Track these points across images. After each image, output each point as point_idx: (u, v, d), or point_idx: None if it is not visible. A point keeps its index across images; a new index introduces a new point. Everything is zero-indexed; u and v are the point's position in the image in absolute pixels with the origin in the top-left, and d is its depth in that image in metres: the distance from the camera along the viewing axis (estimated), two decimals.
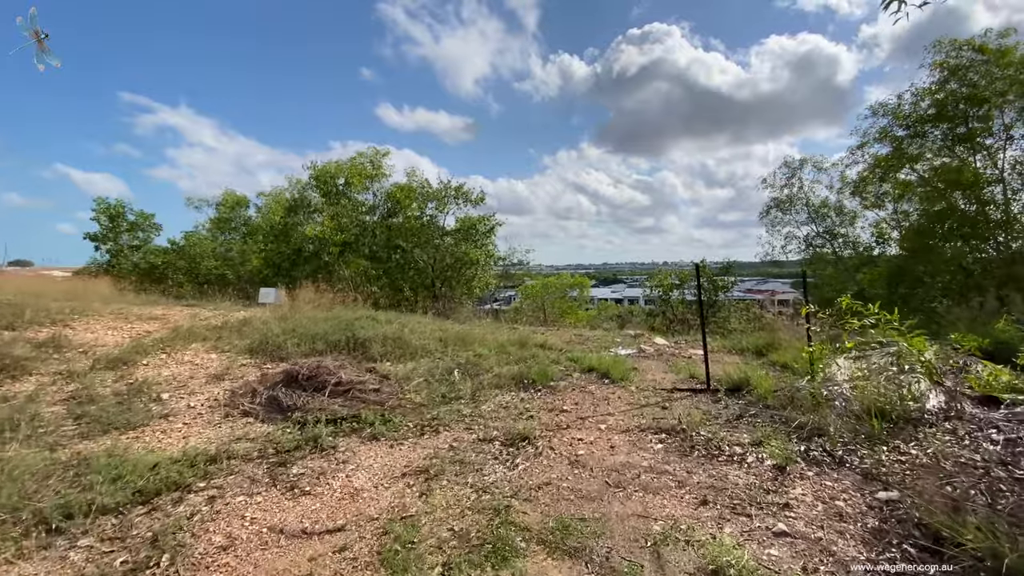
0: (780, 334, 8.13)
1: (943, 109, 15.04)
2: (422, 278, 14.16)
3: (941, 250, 14.71)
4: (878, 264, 20.46)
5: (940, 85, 15.30)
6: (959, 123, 15.14)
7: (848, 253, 22.92)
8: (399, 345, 7.39)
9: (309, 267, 17.54)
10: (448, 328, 10.11)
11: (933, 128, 15.31)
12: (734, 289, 20.45)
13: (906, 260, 15.36)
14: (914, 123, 15.73)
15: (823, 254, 23.58)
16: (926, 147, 16.06)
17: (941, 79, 15.29)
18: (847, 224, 23.00)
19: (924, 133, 15.57)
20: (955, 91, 15.06)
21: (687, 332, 14.30)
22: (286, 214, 19.41)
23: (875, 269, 16.56)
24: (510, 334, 9.51)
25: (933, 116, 15.27)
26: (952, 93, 15.13)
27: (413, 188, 16.02)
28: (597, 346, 8.43)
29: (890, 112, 16.79)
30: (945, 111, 15.07)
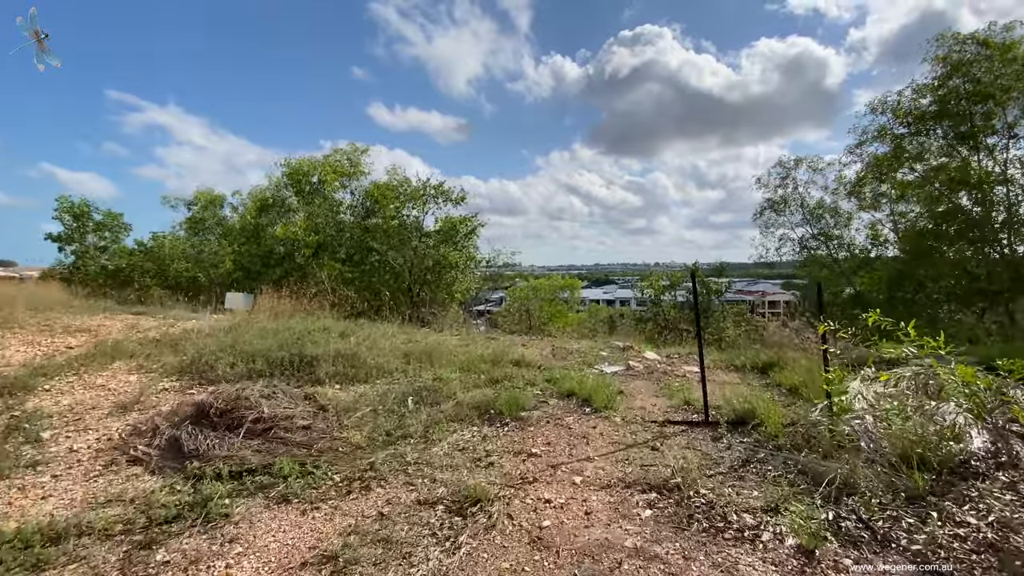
0: (786, 350, 7.29)
1: (945, 106, 14.34)
2: (399, 282, 13.22)
3: (944, 253, 14.01)
4: (875, 267, 19.82)
5: (942, 81, 14.61)
6: (962, 121, 14.45)
7: (843, 255, 22.28)
8: (352, 364, 6.45)
9: (280, 270, 16.52)
10: (418, 340, 9.20)
11: (935, 126, 14.62)
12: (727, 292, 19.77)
13: (907, 263, 14.65)
14: (915, 120, 15.03)
15: (818, 256, 22.90)
16: (927, 146, 15.37)
17: (943, 75, 14.61)
18: (842, 226, 22.37)
19: (926, 131, 14.87)
20: (958, 87, 14.39)
21: (680, 342, 13.50)
22: (257, 214, 18.38)
23: (874, 272, 15.88)
24: (485, 347, 8.61)
25: (935, 113, 14.57)
26: (954, 89, 14.45)
27: (391, 187, 15.06)
28: (581, 362, 7.54)
29: (889, 109, 16.10)
30: (947, 108, 14.37)
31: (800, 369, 6.36)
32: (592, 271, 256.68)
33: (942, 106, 14.43)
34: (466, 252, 13.57)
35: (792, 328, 7.91)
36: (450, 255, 12.57)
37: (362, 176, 18.33)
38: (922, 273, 14.48)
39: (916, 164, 15.96)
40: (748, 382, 6.54)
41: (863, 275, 20.68)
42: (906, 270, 14.64)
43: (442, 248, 12.85)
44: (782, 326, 7.86)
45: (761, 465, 3.80)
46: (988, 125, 14.36)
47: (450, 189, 14.12)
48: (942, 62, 14.59)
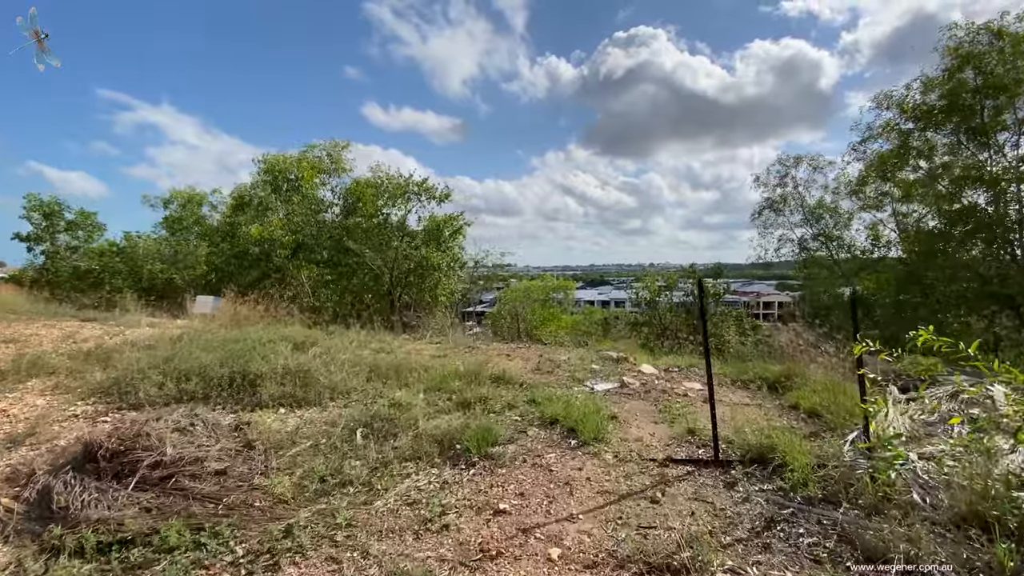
0: (800, 364, 6.47)
1: (955, 99, 13.61)
2: (378, 285, 12.35)
3: (954, 255, 13.29)
4: (878, 269, 19.13)
5: (952, 73, 13.89)
6: (972, 115, 13.73)
7: (844, 256, 21.59)
8: (304, 383, 5.58)
9: (257, 272, 15.61)
10: (391, 350, 8.37)
11: (945, 121, 13.90)
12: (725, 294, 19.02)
13: (915, 265, 13.92)
14: (923, 115, 14.30)
15: (819, 258, 22.21)
16: (935, 142, 14.66)
17: (953, 66, 13.89)
18: (843, 226, 21.68)
19: (934, 126, 14.15)
20: (968, 80, 13.68)
21: (678, 350, 12.69)
22: (233, 212, 17.48)
23: (879, 275, 15.16)
24: (464, 359, 7.76)
25: (944, 108, 13.84)
26: (964, 82, 13.74)
27: (373, 184, 14.17)
28: (569, 377, 6.69)
29: (894, 104, 15.39)
30: (957, 102, 13.65)
31: (819, 387, 5.55)
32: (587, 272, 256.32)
33: (951, 100, 13.70)
34: (450, 253, 12.70)
35: (806, 338, 7.09)
36: (432, 256, 11.72)
37: (344, 173, 17.46)
38: (931, 276, 13.74)
39: (922, 161, 15.26)
40: (759, 402, 5.72)
41: (864, 277, 20.01)
42: (914, 272, 13.91)
43: (424, 249, 11.99)
44: (795, 336, 7.04)
45: (790, 526, 2.97)
46: (998, 121, 13.66)
47: (434, 186, 13.30)
48: (952, 53, 13.87)
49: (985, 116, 13.57)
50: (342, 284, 13.08)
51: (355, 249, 12.27)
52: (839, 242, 21.91)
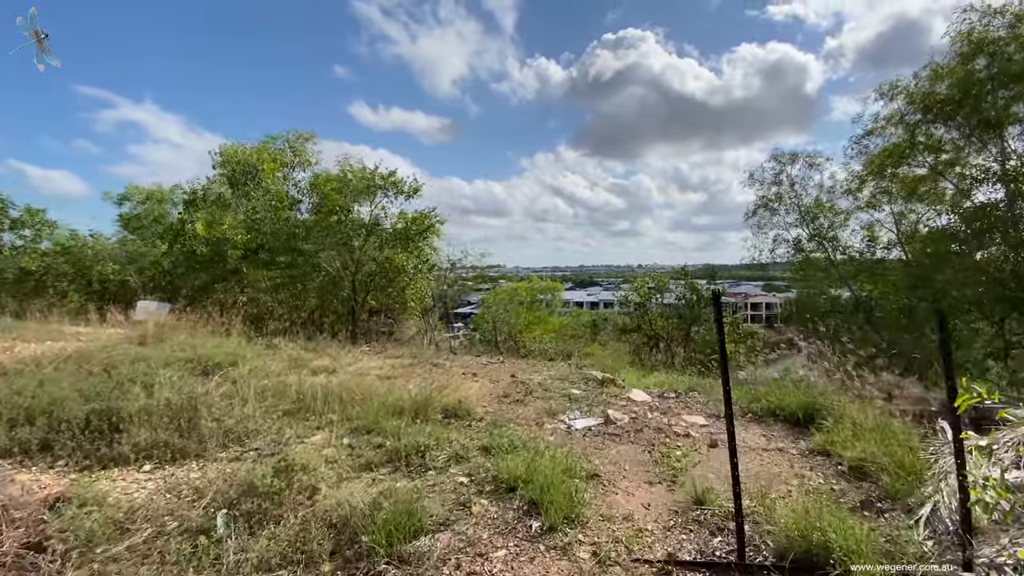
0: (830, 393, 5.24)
1: (969, 88, 12.58)
2: (337, 289, 11.01)
3: (968, 256, 12.25)
4: (877, 271, 18.14)
5: (964, 60, 12.87)
6: (986, 107, 12.71)
7: (840, 258, 20.55)
8: (191, 424, 4.25)
9: (207, 275, 14.16)
10: (337, 367, 7.06)
11: (956, 111, 12.88)
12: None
13: (926, 268, 12.87)
14: (933, 106, 13.27)
15: (815, 259, 21.13)
16: (946, 135, 13.65)
17: (966, 53, 12.86)
18: (839, 227, 20.64)
19: (946, 117, 13.13)
20: (982, 69, 12.66)
21: (672, 365, 11.51)
22: (184, 209, 16.00)
23: (884, 278, 14.13)
24: (421, 380, 6.48)
25: (956, 98, 12.82)
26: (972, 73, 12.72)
27: (334, 178, 12.79)
28: (543, 408, 5.41)
29: (901, 94, 14.36)
30: (971, 91, 12.62)
31: (857, 427, 4.33)
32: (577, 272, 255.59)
33: (965, 88, 12.67)
34: (416, 254, 11.38)
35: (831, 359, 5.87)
36: (397, 258, 10.39)
37: (308, 167, 16.05)
38: (942, 279, 12.70)
39: (929, 156, 14.25)
40: (780, 446, 4.49)
41: (864, 279, 19.02)
42: (924, 275, 12.87)
43: (388, 249, 10.65)
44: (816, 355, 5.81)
45: None
46: (1009, 114, 12.66)
47: (401, 180, 11.96)
48: (964, 39, 12.84)
49: (998, 107, 12.55)
50: (295, 289, 11.71)
51: (307, 249, 10.92)
52: (834, 243, 20.85)
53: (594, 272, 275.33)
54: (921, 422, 4.97)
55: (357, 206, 12.59)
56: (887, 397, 5.98)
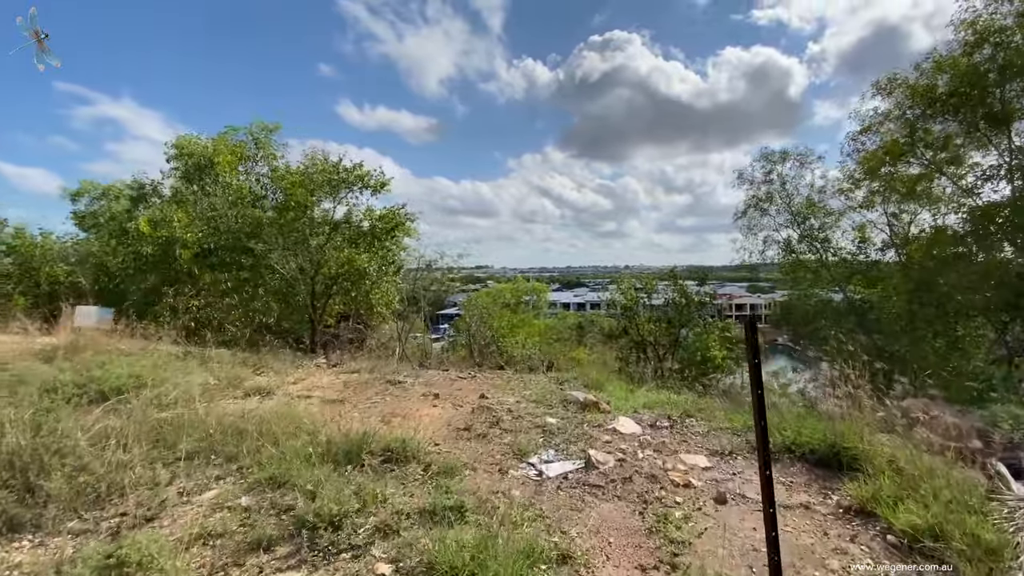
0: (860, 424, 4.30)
1: (975, 81, 11.88)
2: (292, 294, 9.91)
3: (976, 259, 11.53)
4: (871, 273, 17.50)
5: (968, 50, 12.18)
6: (992, 100, 12.02)
7: (832, 260, 19.88)
8: (26, 484, 3.18)
9: (156, 277, 12.93)
10: (273, 388, 6.02)
11: (961, 105, 12.18)
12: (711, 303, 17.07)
13: (931, 271, 12.13)
14: (936, 100, 12.56)
15: (806, 261, 20.45)
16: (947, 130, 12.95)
17: (971, 42, 12.17)
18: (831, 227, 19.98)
19: (951, 111, 12.42)
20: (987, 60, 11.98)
21: (661, 374, 10.60)
22: (133, 205, 14.76)
23: (886, 281, 13.38)
24: (370, 404, 5.46)
25: (960, 91, 12.11)
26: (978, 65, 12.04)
27: (293, 172, 11.66)
28: (509, 445, 4.41)
29: (898, 87, 13.64)
30: (978, 83, 11.92)
31: (907, 478, 3.41)
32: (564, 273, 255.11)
33: (971, 81, 11.97)
34: (381, 255, 10.30)
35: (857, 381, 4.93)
36: (358, 259, 9.30)
37: (274, 160, 14.89)
38: (948, 282, 11.98)
39: (930, 152, 13.56)
40: (805, 500, 3.54)
41: (857, 281, 18.38)
42: (926, 279, 12.14)
43: (347, 250, 9.57)
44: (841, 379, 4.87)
45: None
46: (1018, 107, 11.99)
47: (367, 173, 10.87)
48: (968, 28, 12.15)
49: (1006, 100, 11.87)
50: (247, 293, 10.58)
51: (257, 249, 9.80)
52: (825, 245, 20.18)
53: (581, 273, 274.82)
54: (964, 460, 4.09)
55: (327, 203, 11.46)
56: (914, 423, 5.10)
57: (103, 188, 20.79)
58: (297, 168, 11.96)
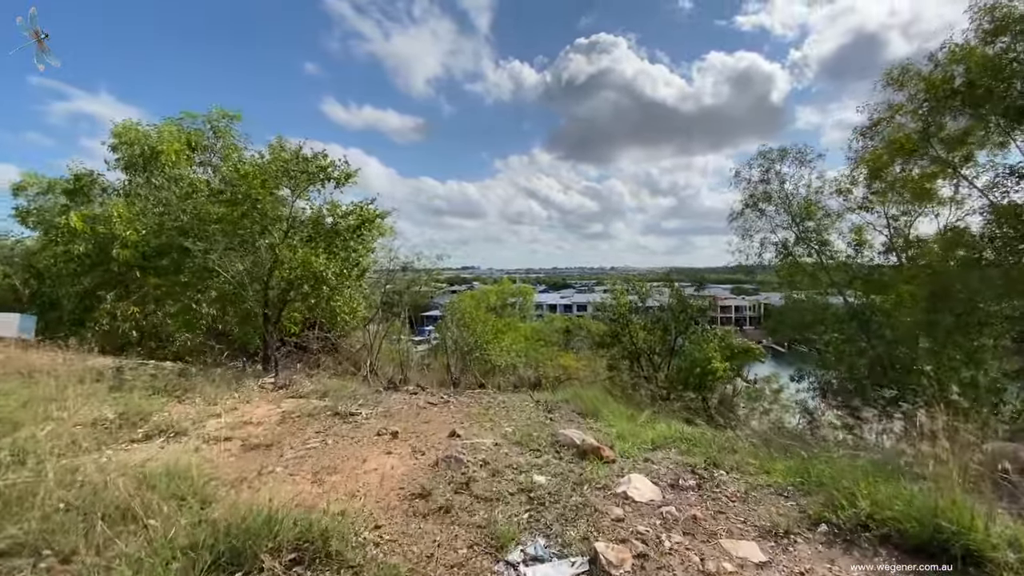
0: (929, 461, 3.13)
1: (997, 72, 10.96)
2: (239, 301, 8.53)
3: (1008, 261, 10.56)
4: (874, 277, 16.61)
5: (987, 39, 11.27)
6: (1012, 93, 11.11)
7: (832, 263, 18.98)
8: None
9: (91, 280, 11.43)
10: (205, 418, 4.73)
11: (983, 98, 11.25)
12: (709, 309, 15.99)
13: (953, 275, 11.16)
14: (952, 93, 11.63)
15: (804, 264, 19.52)
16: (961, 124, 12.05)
17: (989, 31, 11.26)
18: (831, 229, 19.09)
19: (968, 105, 11.50)
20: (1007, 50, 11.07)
21: (665, 399, 9.44)
22: (68, 199, 13.21)
23: (898, 287, 12.43)
24: (300, 455, 4.17)
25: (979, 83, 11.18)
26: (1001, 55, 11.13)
27: (249, 162, 10.28)
28: (479, 527, 3.14)
29: (910, 80, 12.71)
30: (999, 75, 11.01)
31: None
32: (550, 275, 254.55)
33: (990, 72, 11.04)
34: (343, 256, 8.94)
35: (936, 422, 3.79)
36: (314, 262, 7.96)
37: (237, 152, 13.44)
38: (964, 289, 11.03)
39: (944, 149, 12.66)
40: None
41: (859, 286, 17.48)
42: (947, 284, 11.19)
43: (301, 250, 8.21)
44: (915, 427, 3.71)
45: None
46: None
47: (330, 163, 9.54)
48: (987, 14, 11.24)
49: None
50: (187, 300, 9.17)
51: (194, 250, 8.40)
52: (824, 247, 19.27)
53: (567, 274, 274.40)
54: None
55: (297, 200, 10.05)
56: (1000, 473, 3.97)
57: (48, 182, 19.04)
58: (251, 159, 10.59)
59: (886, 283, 15.31)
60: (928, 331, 11.73)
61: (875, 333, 16.31)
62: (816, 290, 18.83)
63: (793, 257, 19.59)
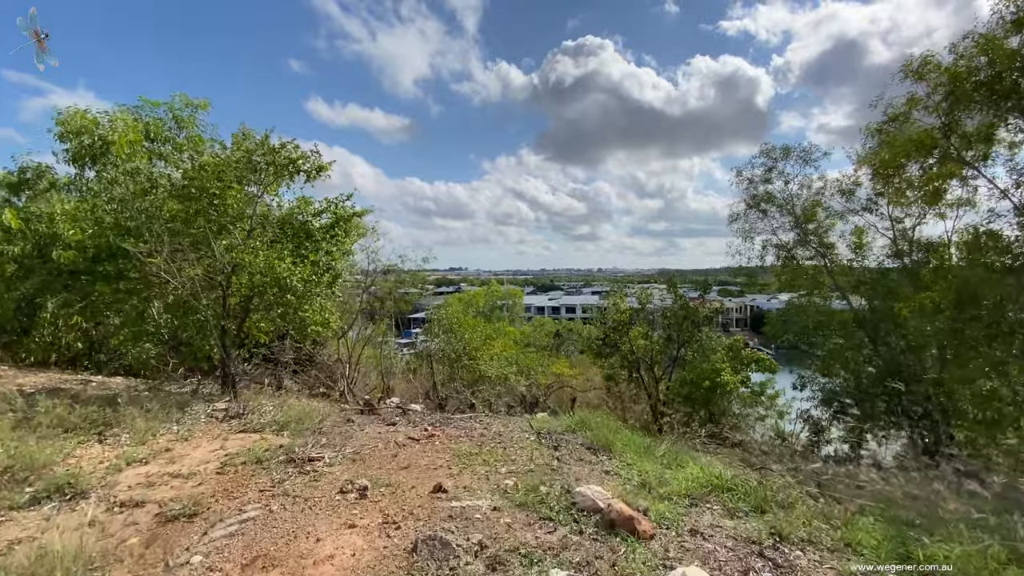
0: None
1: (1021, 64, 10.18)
2: (192, 311, 7.32)
3: None
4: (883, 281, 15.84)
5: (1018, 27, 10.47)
6: None
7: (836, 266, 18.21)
8: None
9: (31, 285, 10.14)
10: (129, 463, 3.60)
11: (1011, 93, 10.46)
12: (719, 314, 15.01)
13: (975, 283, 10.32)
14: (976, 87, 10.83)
15: (805, 267, 18.71)
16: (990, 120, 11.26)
17: (1019, 21, 10.46)
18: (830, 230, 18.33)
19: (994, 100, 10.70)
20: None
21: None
22: (10, 193, 11.87)
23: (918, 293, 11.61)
24: (233, 524, 3.06)
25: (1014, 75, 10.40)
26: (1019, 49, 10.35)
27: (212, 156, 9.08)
28: None
29: (929, 73, 11.89)
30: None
31: None
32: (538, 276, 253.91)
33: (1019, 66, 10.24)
34: (313, 259, 7.77)
35: None
36: (278, 267, 6.80)
37: (202, 144, 12.16)
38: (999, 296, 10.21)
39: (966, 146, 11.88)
40: None
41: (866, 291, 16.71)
42: (977, 292, 10.35)
43: (264, 253, 7.03)
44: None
45: None
46: None
47: (303, 155, 8.38)
48: (1012, 3, 10.45)
49: None
50: (132, 309, 7.97)
51: (136, 252, 7.20)
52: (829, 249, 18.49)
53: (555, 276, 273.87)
54: None
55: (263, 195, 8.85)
56: None
57: None
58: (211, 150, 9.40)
59: (893, 288, 14.53)
60: (951, 340, 10.90)
61: (882, 340, 15.54)
62: (820, 294, 18.08)
63: (796, 260, 18.81)
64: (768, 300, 65.30)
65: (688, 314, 13.30)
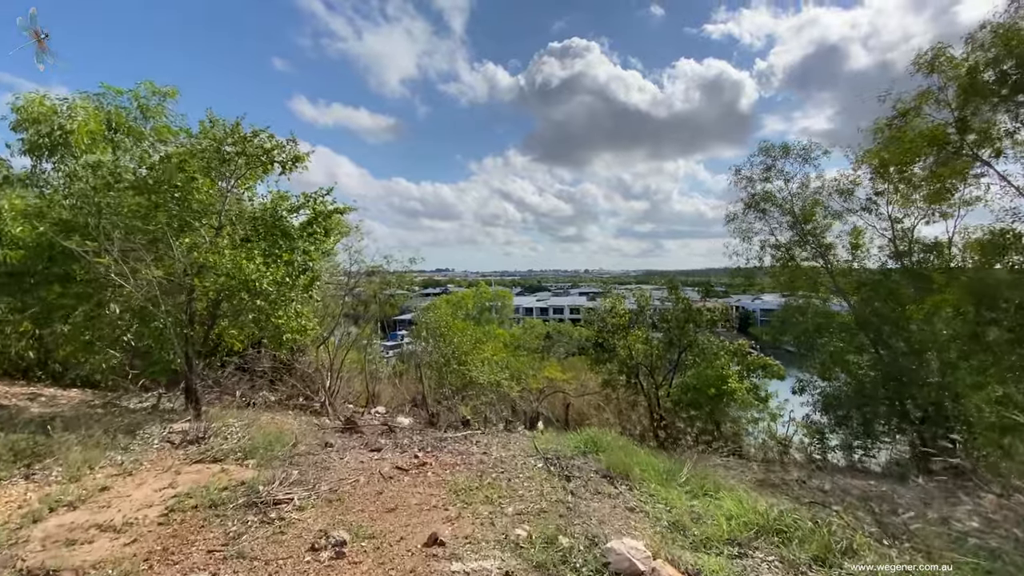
0: None
1: None
2: (150, 318, 6.45)
3: None
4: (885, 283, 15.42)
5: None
6: None
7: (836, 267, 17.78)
8: None
9: None
10: (54, 510, 2.71)
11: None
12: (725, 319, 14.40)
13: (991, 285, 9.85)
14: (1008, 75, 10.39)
15: (805, 268, 18.26)
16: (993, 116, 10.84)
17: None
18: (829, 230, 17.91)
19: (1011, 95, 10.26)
20: None
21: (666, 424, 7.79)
22: None
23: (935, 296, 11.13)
24: None
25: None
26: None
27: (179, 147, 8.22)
28: None
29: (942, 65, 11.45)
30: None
31: None
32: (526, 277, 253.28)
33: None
34: (287, 259, 6.94)
35: None
36: (246, 267, 5.98)
37: (169, 135, 11.21)
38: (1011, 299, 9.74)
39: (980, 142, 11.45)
40: None
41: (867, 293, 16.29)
42: (988, 294, 9.88)
43: (230, 253, 6.21)
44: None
45: None
46: None
47: (278, 144, 7.55)
48: None
49: None
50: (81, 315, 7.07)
51: (79, 251, 6.34)
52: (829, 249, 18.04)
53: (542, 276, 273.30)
54: None
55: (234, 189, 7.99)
56: None
57: None
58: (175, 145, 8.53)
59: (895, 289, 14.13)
60: (969, 344, 10.42)
61: (884, 343, 15.11)
62: (820, 296, 17.67)
63: (795, 261, 18.35)
64: (752, 301, 65.09)
65: (690, 317, 12.68)
